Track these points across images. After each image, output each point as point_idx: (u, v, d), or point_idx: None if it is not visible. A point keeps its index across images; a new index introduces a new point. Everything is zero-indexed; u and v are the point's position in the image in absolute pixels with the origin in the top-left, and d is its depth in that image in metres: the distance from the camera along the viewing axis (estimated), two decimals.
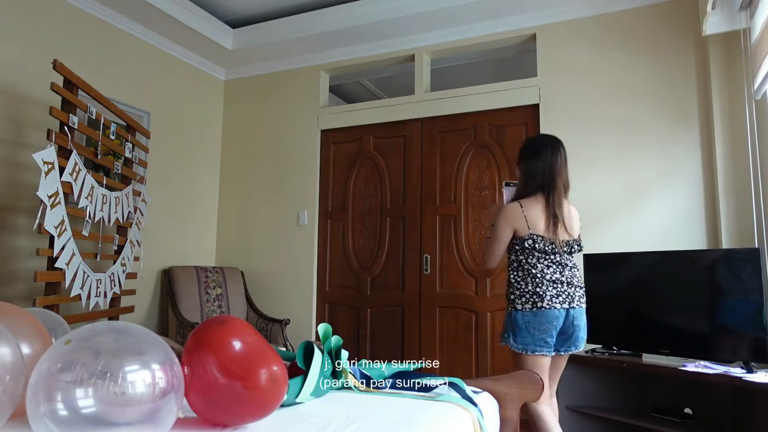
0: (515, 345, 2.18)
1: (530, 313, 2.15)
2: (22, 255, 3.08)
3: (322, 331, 1.82)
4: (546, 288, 2.15)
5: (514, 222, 2.19)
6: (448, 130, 4.02)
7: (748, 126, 2.89)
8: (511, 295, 2.23)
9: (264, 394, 1.24)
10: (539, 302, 2.13)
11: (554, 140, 2.28)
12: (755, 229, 2.84)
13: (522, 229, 2.18)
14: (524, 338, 2.15)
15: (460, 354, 3.78)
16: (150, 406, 1.04)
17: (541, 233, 2.17)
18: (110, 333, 1.10)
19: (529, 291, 2.16)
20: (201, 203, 4.54)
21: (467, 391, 1.77)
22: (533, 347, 2.15)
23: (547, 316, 2.13)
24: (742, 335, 2.55)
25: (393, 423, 1.39)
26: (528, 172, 2.25)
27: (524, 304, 2.16)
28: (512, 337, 2.19)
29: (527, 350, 2.16)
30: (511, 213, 2.21)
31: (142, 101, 3.96)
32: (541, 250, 2.18)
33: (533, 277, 2.17)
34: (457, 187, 3.93)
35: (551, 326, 2.14)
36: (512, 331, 2.19)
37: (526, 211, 2.18)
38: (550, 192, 2.19)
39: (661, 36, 3.41)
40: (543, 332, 2.14)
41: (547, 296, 2.13)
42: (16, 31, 3.15)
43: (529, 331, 2.14)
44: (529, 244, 2.18)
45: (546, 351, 2.15)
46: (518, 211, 2.19)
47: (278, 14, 4.16)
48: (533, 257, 2.19)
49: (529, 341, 2.15)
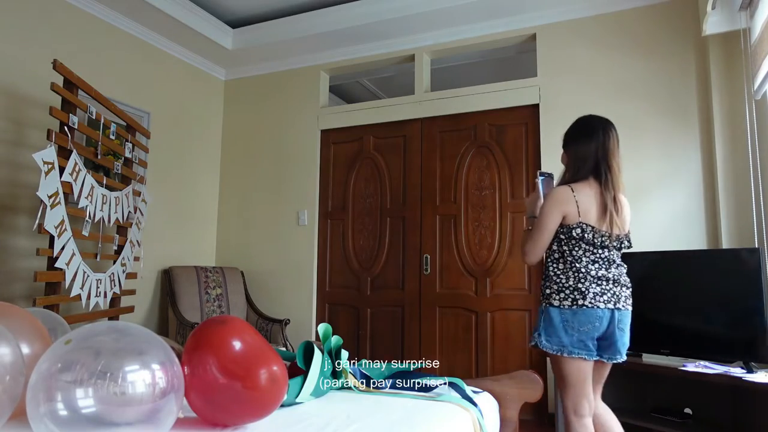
0: (548, 345, 1.93)
1: (569, 311, 1.91)
2: (22, 255, 3.08)
3: (322, 331, 1.82)
4: (589, 284, 1.91)
5: (565, 206, 1.94)
6: (448, 130, 4.02)
7: (748, 126, 2.89)
8: (547, 290, 1.99)
9: (264, 394, 1.24)
10: (580, 299, 1.90)
11: (606, 120, 2.07)
12: (755, 229, 2.84)
13: (571, 216, 1.94)
14: (560, 338, 1.91)
15: (460, 354, 3.78)
16: (150, 406, 1.04)
17: (592, 223, 1.94)
18: (110, 333, 1.10)
19: (570, 286, 1.93)
20: (201, 203, 4.54)
21: (467, 391, 1.77)
22: (570, 349, 1.91)
23: (588, 316, 1.89)
24: (742, 335, 2.55)
25: (393, 423, 1.39)
26: (578, 155, 2.03)
27: (562, 300, 1.92)
28: (544, 336, 1.94)
29: (563, 352, 1.92)
30: (561, 196, 1.96)
31: (142, 101, 3.96)
32: (588, 242, 1.94)
33: (576, 271, 1.93)
34: (457, 187, 3.93)
35: (592, 327, 1.90)
36: (545, 329, 1.95)
37: (578, 196, 1.94)
38: (606, 176, 1.96)
39: (661, 36, 3.41)
40: (582, 333, 1.90)
41: (590, 293, 1.90)
42: (16, 31, 3.15)
43: (566, 331, 1.91)
44: (576, 233, 1.94)
45: (586, 354, 1.91)
46: (569, 194, 1.95)
47: (278, 14, 4.16)
48: (578, 249, 1.95)
49: (566, 342, 1.91)
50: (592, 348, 1.92)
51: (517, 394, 2.01)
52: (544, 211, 1.98)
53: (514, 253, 3.69)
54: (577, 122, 2.14)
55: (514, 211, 3.72)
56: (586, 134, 2.04)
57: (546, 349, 1.93)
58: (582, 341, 1.90)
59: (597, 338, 1.92)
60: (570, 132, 2.13)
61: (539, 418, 3.42)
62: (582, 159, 2.01)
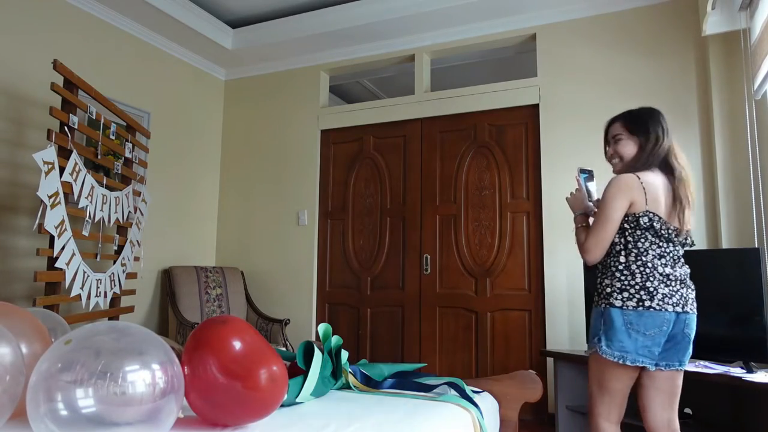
0: (608, 352, 1.74)
1: (633, 313, 1.72)
2: (22, 255, 3.08)
3: (322, 331, 1.82)
4: (658, 284, 1.73)
5: (632, 193, 1.77)
6: (448, 130, 4.02)
7: (748, 126, 2.89)
8: (607, 288, 1.80)
9: (264, 394, 1.24)
10: (647, 300, 1.71)
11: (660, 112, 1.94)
12: (755, 229, 2.84)
13: (638, 203, 1.77)
14: (622, 344, 1.72)
15: (460, 354, 3.78)
16: (150, 406, 1.04)
17: (659, 213, 1.78)
18: (110, 333, 1.10)
19: (636, 284, 1.74)
20: (201, 203, 4.54)
21: (467, 391, 1.77)
22: (634, 356, 1.72)
23: (656, 320, 1.71)
24: (741, 335, 2.55)
25: (393, 423, 1.39)
26: (647, 142, 1.85)
27: (626, 300, 1.73)
28: (605, 341, 1.75)
29: (625, 359, 1.72)
30: (628, 182, 1.78)
31: (142, 101, 3.96)
32: (656, 233, 1.77)
33: (642, 266, 1.75)
34: (457, 187, 3.93)
35: (659, 332, 1.72)
36: (605, 333, 1.76)
37: (646, 183, 1.78)
38: (678, 168, 1.83)
39: (661, 36, 3.41)
40: (648, 338, 1.71)
41: (659, 294, 1.72)
42: (16, 31, 3.15)
43: (630, 335, 1.71)
44: (644, 222, 1.76)
45: (648, 362, 1.74)
46: (635, 180, 1.78)
47: (278, 14, 4.16)
48: (645, 240, 1.77)
49: (629, 348, 1.72)
50: (655, 355, 1.74)
51: (517, 394, 2.00)
52: (607, 199, 1.79)
53: (515, 253, 3.69)
54: (643, 109, 1.95)
55: (514, 211, 3.73)
56: (654, 122, 1.87)
57: (606, 356, 1.74)
58: (647, 347, 1.72)
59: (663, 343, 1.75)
60: (639, 117, 1.92)
61: (539, 418, 3.43)
62: (650, 147, 1.84)
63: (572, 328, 3.39)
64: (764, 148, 2.79)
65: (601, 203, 1.83)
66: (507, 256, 3.71)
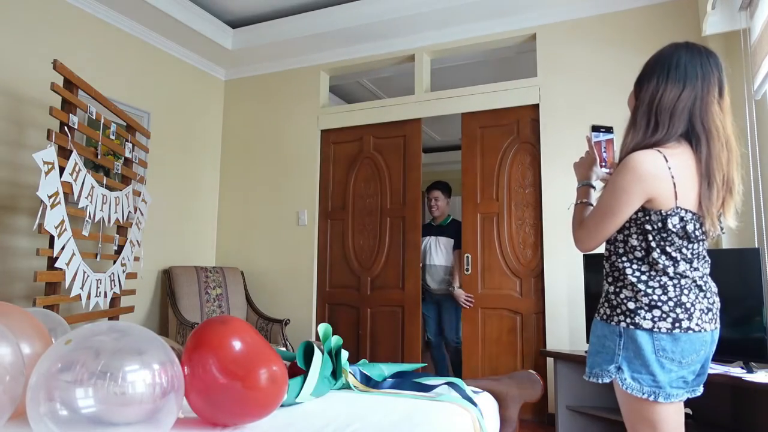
0: (635, 387, 1.34)
1: (668, 337, 1.32)
2: (22, 255, 3.08)
3: (322, 331, 1.82)
4: (695, 297, 1.36)
5: (654, 185, 1.31)
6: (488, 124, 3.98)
7: (748, 126, 2.89)
8: (628, 302, 1.38)
9: (264, 394, 1.24)
10: (685, 320, 1.33)
11: (708, 54, 1.38)
12: (755, 229, 2.84)
13: (665, 198, 1.32)
14: (654, 376, 1.33)
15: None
16: (150, 406, 1.04)
17: (692, 208, 1.34)
18: (110, 333, 1.10)
19: (671, 300, 1.34)
20: (201, 203, 4.54)
21: (467, 391, 1.77)
22: (669, 391, 1.33)
23: (694, 344, 1.34)
24: (742, 335, 2.55)
25: (393, 423, 1.39)
26: (664, 104, 1.36)
27: (657, 321, 1.33)
28: (628, 372, 1.35)
29: (658, 396, 1.33)
30: (649, 167, 1.31)
31: (142, 101, 3.96)
32: (687, 236, 1.35)
33: (672, 278, 1.36)
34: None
35: (697, 358, 1.35)
36: (628, 361, 1.35)
37: (674, 168, 1.31)
38: (707, 138, 1.33)
39: (661, 36, 3.41)
40: (683, 366, 1.34)
41: (696, 311, 1.35)
42: (16, 31, 3.15)
43: (663, 366, 1.32)
44: (674, 224, 1.33)
45: (683, 394, 1.37)
46: (661, 163, 1.31)
47: (278, 14, 4.16)
48: (673, 245, 1.35)
49: (663, 381, 1.33)
50: (690, 384, 1.38)
51: (517, 394, 2.00)
52: (618, 187, 1.34)
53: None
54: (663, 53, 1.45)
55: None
56: (678, 73, 1.36)
57: (632, 391, 1.34)
58: (682, 377, 1.35)
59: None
60: (652, 67, 1.44)
61: (539, 418, 3.43)
62: (668, 110, 1.35)
63: (572, 328, 3.39)
64: (764, 148, 2.79)
65: (609, 188, 1.38)
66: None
